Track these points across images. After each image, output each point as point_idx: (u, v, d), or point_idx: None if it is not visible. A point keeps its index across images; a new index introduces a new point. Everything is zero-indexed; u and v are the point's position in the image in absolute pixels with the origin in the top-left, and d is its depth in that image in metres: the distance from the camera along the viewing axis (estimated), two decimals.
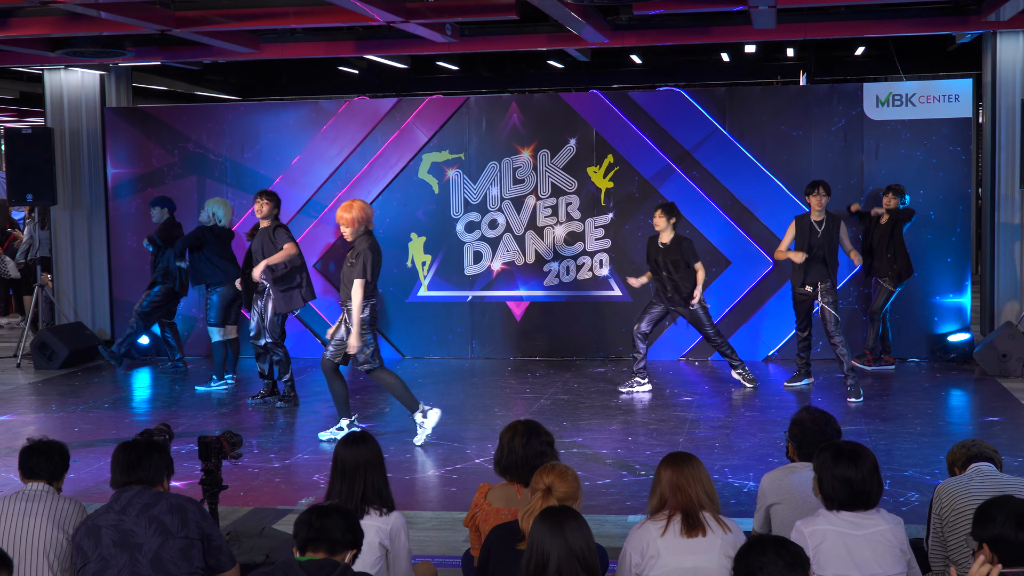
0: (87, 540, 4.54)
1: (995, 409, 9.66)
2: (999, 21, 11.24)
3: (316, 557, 3.95)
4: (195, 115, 13.22)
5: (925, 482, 7.42)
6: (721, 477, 7.59)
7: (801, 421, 5.18)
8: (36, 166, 12.62)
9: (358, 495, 4.74)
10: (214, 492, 5.72)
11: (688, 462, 4.46)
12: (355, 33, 12.59)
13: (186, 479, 7.47)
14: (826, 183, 10.09)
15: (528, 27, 12.05)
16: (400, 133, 12.58)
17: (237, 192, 12.87)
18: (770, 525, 5.02)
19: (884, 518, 4.37)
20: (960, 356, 11.60)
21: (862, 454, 4.37)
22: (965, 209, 11.83)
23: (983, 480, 4.81)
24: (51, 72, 13.51)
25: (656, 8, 10.45)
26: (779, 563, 3.65)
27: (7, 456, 8.34)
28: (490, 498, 4.97)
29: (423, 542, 6.31)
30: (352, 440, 4.87)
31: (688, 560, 4.26)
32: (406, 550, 4.84)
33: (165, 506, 4.57)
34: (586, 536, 3.88)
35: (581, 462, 8.10)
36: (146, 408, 10.73)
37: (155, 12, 10.50)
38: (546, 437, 5.03)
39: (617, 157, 12.20)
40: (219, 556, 4.69)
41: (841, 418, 7.35)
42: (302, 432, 9.36)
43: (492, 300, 12.56)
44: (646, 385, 10.52)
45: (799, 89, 13.59)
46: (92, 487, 7.59)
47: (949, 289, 11.82)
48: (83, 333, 12.96)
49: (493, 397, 10.60)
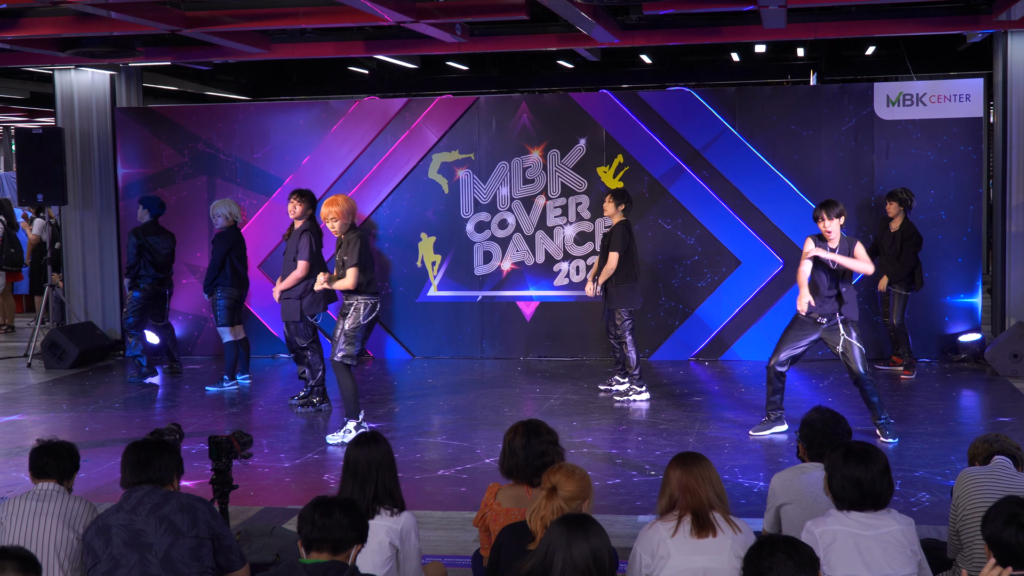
0: (97, 539, 4.55)
1: (1006, 409, 9.66)
2: (1010, 20, 11.25)
3: (321, 558, 3.95)
4: (205, 115, 13.26)
5: (936, 483, 7.42)
6: (731, 477, 7.60)
7: (812, 421, 5.18)
8: (47, 166, 12.68)
9: (369, 495, 4.75)
10: (224, 492, 5.74)
11: (698, 462, 4.46)
12: (365, 33, 12.62)
13: (196, 479, 7.51)
14: (830, 204, 8.42)
15: (538, 27, 12.07)
16: (410, 133, 12.61)
17: (247, 192, 12.93)
18: (780, 525, 5.03)
19: (895, 518, 4.37)
20: (971, 356, 11.60)
21: (873, 454, 4.38)
22: (976, 209, 11.82)
23: (1000, 476, 4.83)
24: (61, 72, 13.56)
25: (666, 8, 10.44)
26: (789, 563, 3.66)
27: (18, 456, 8.42)
28: (500, 498, 4.97)
29: (433, 542, 6.32)
30: (363, 441, 4.89)
31: (698, 560, 4.26)
32: (416, 550, 4.85)
33: (175, 506, 4.59)
34: (594, 548, 3.83)
35: (591, 462, 8.11)
36: (156, 408, 10.74)
37: (165, 12, 10.52)
38: (548, 436, 5.03)
39: (627, 157, 12.22)
40: (229, 555, 4.71)
41: (852, 418, 7.35)
42: (312, 432, 9.38)
43: (502, 300, 12.59)
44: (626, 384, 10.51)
45: (809, 89, 13.62)
46: (103, 487, 7.61)
47: (960, 289, 11.81)
48: (93, 333, 13.02)
49: (503, 397, 10.62)
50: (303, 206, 9.83)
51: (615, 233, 10.09)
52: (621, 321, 10.12)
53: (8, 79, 18.01)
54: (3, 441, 9.15)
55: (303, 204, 9.83)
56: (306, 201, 9.86)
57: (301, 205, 9.83)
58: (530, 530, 4.42)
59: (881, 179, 11.78)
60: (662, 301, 12.25)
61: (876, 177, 11.78)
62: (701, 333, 12.25)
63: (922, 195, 11.67)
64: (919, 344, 11.76)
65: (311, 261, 9.71)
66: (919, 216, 11.55)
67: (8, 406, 10.60)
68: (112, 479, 7.53)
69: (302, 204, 9.83)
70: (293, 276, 9.71)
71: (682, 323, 12.24)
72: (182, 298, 12.94)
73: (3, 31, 10.94)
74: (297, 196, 9.88)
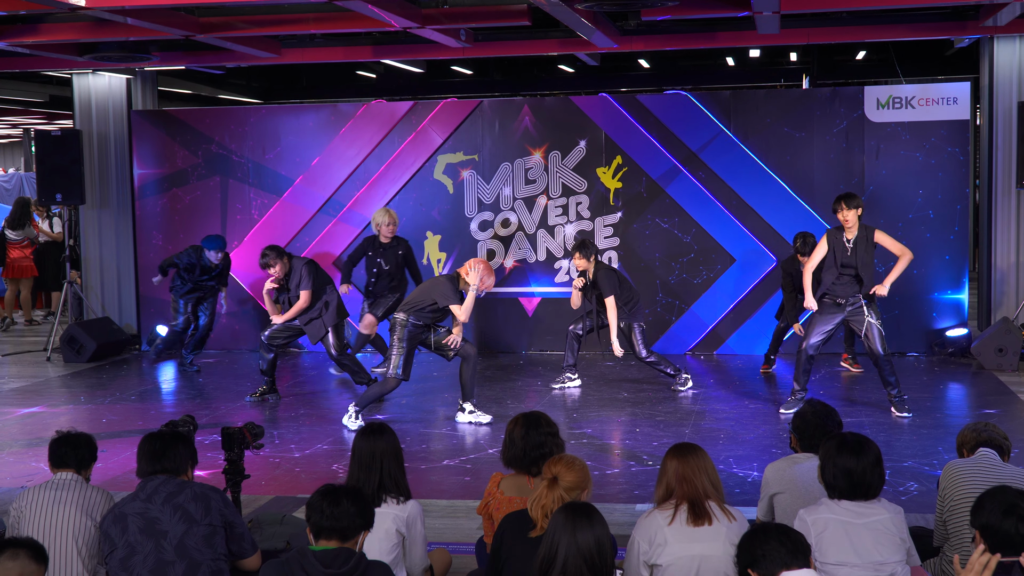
0: (114, 527, 4.62)
1: (992, 402, 9.74)
2: (996, 26, 11.31)
3: (330, 545, 3.98)
4: (218, 117, 13.34)
5: (924, 472, 7.52)
6: (726, 467, 7.67)
7: (803, 414, 5.25)
8: (65, 167, 12.77)
9: (375, 484, 4.79)
10: (237, 481, 5.76)
11: (694, 452, 4.48)
12: (373, 38, 12.63)
13: (210, 468, 7.51)
14: (849, 195, 9.00)
15: (540, 33, 12.11)
16: (416, 135, 12.71)
17: (259, 192, 13.04)
18: (773, 514, 5.09)
19: (885, 507, 4.41)
20: (958, 351, 11.66)
21: (866, 446, 4.41)
22: (963, 208, 11.86)
23: (985, 468, 4.90)
24: (79, 76, 13.66)
25: (664, 14, 10.42)
26: (781, 550, 3.80)
27: (38, 446, 8.46)
28: (503, 487, 5.03)
29: (438, 529, 6.38)
30: (370, 431, 4.93)
31: (694, 548, 4.28)
32: (422, 537, 4.90)
33: (189, 494, 4.64)
34: (598, 535, 3.87)
35: (591, 452, 8.18)
36: (171, 400, 10.81)
37: (180, 18, 10.53)
38: (548, 428, 5.07)
39: (625, 158, 12.32)
40: (241, 543, 4.78)
41: (843, 411, 7.54)
42: (321, 423, 9.42)
43: (505, 296, 12.69)
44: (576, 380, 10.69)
45: (802, 92, 13.45)
46: (119, 476, 7.68)
47: (947, 286, 11.88)
48: (110, 328, 13.10)
49: (506, 390, 10.61)
50: (281, 263, 9.98)
51: (600, 279, 10.13)
52: (636, 340, 10.22)
53: (28, 82, 17.95)
54: (24, 432, 9.24)
55: (280, 262, 9.98)
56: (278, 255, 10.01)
57: (279, 262, 9.96)
58: (531, 518, 4.45)
59: (871, 179, 11.84)
60: (659, 297, 12.35)
61: (866, 178, 11.83)
62: (697, 328, 12.35)
63: (911, 195, 11.76)
64: (909, 339, 11.86)
65: (314, 288, 10.00)
66: (907, 216, 11.70)
67: (28, 398, 10.66)
68: (128, 469, 7.55)
69: (279, 262, 9.96)
70: (297, 307, 10.00)
71: (678, 318, 12.34)
72: None
73: (23, 36, 11.00)
74: (275, 256, 9.94)
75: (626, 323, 10.22)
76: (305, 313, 10.09)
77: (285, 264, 10.02)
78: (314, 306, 10.08)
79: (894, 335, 11.59)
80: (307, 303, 10.01)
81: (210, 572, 4.63)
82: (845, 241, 9.02)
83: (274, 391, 10.38)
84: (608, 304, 10.07)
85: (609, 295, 10.07)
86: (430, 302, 9.06)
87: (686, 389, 10.38)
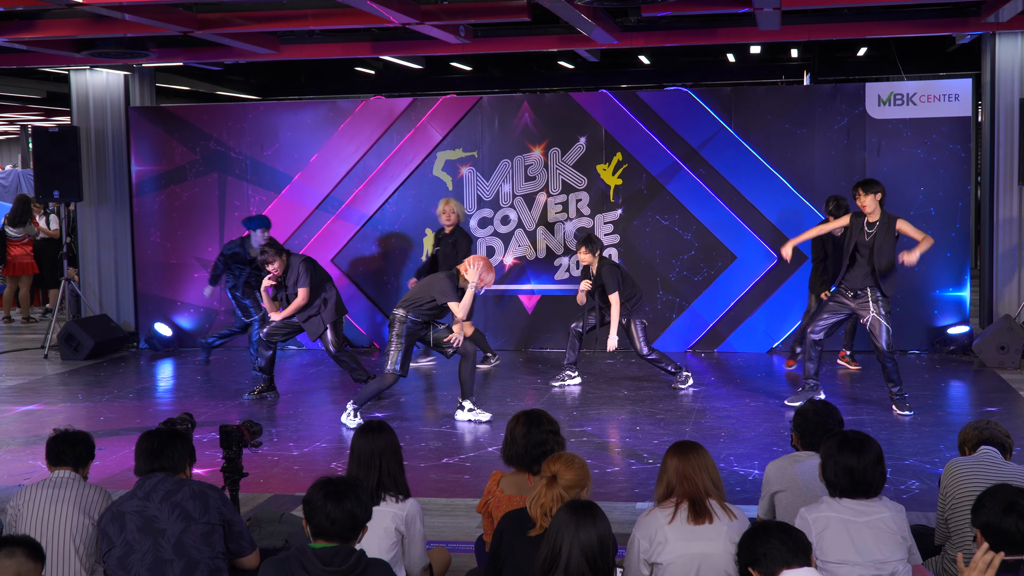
0: (112, 525, 4.61)
1: (994, 400, 9.71)
2: (998, 22, 11.29)
3: (329, 543, 3.97)
4: (216, 114, 13.33)
5: (925, 470, 7.52)
6: (727, 465, 7.67)
7: (804, 412, 5.24)
8: (62, 164, 12.75)
9: (374, 482, 4.80)
10: (235, 479, 5.76)
11: (694, 451, 4.48)
12: (371, 35, 12.64)
13: (208, 467, 7.55)
14: (868, 181, 9.08)
15: (539, 29, 12.10)
16: (415, 132, 12.70)
17: (257, 189, 13.03)
18: (774, 512, 5.09)
19: (886, 505, 4.41)
20: (959, 348, 11.66)
21: (867, 445, 4.41)
22: (964, 205, 11.87)
23: (987, 466, 4.90)
24: (77, 72, 13.63)
25: (664, 10, 10.44)
26: (782, 549, 3.80)
27: (35, 444, 8.43)
28: (502, 485, 5.04)
29: (437, 528, 6.39)
30: (369, 429, 4.93)
31: (695, 546, 4.29)
32: (421, 535, 4.90)
33: (187, 493, 4.64)
34: (601, 533, 3.88)
35: (591, 451, 8.18)
36: (169, 398, 10.82)
37: (178, 14, 10.53)
38: (549, 426, 5.07)
39: (626, 155, 12.30)
40: (240, 541, 4.78)
41: (844, 409, 7.55)
42: (319, 421, 9.43)
43: (504, 293, 12.72)
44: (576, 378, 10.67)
45: (803, 89, 13.48)
46: (117, 474, 7.67)
47: (949, 283, 11.87)
48: (108, 325, 13.11)
49: (505, 388, 10.61)
50: (280, 260, 9.96)
51: (604, 275, 10.15)
52: (637, 337, 10.21)
53: (25, 79, 17.95)
54: (21, 430, 9.24)
55: (279, 258, 9.95)
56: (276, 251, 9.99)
57: (278, 259, 9.95)
58: (531, 517, 4.45)
59: (872, 176, 11.52)
60: (660, 294, 12.34)
61: (868, 174, 11.72)
62: (697, 325, 12.34)
63: (912, 192, 11.75)
64: (911, 336, 11.85)
65: (312, 285, 9.96)
66: (909, 213, 11.65)
67: (26, 396, 10.65)
68: (126, 467, 7.58)
69: (278, 259, 9.95)
70: (295, 304, 9.97)
71: (679, 316, 12.33)
72: (193, 291, 13.09)
73: (21, 32, 11.00)
74: (274, 252, 9.93)
75: (627, 320, 10.22)
76: (304, 310, 10.06)
77: (283, 261, 10.00)
78: (312, 303, 10.05)
79: (895, 332, 11.39)
80: (305, 300, 9.98)
81: (208, 570, 4.63)
82: (865, 224, 9.06)
83: (272, 389, 10.35)
84: (612, 300, 10.08)
85: (613, 291, 10.09)
86: (429, 299, 9.04)
87: (687, 387, 10.36)
